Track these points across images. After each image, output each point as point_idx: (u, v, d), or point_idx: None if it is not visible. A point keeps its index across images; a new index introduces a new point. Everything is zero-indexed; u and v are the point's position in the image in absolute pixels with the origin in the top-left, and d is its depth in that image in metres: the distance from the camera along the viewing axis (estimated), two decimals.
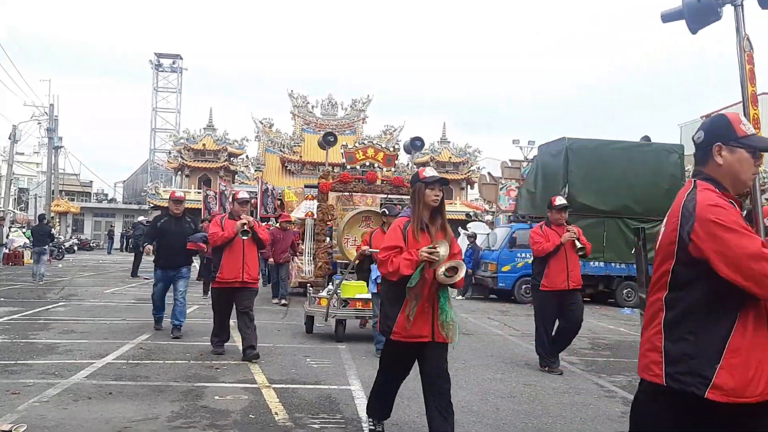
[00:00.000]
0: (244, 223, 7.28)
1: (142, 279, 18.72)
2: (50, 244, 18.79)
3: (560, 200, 7.51)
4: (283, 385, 6.14)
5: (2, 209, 34.58)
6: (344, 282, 9.02)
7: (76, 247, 36.40)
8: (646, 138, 19.63)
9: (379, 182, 9.95)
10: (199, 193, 35.51)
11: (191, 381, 6.18)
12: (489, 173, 35.07)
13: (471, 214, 33.99)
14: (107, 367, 6.70)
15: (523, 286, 16.72)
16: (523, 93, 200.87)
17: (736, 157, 2.43)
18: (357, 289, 8.89)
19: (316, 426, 4.89)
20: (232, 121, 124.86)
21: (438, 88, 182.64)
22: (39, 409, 5.04)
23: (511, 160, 31.50)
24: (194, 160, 45.19)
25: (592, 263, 16.88)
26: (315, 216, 11.81)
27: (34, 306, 11.60)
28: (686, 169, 18.80)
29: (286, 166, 42.71)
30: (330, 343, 8.53)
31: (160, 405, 5.29)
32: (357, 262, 8.49)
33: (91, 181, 62.60)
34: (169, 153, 51.00)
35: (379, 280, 6.40)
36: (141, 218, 23.64)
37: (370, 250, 7.54)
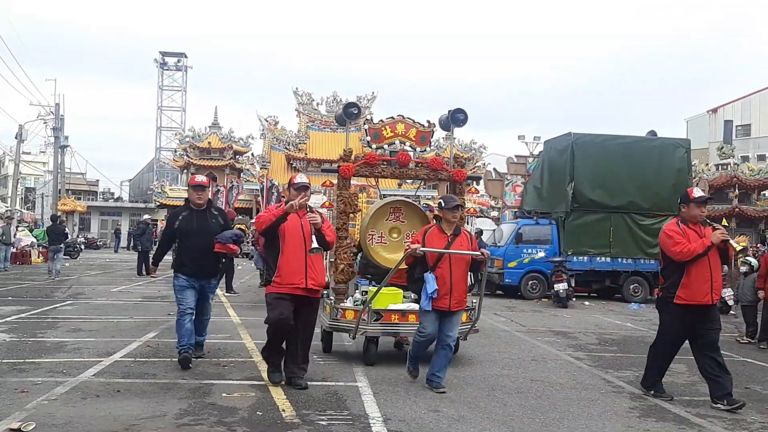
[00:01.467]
0: (317, 222, 5.75)
1: (150, 278, 18.79)
2: (64, 243, 19.36)
3: (698, 192, 6.04)
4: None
5: (9, 208, 34.73)
6: (371, 288, 7.25)
7: (82, 246, 36.50)
8: (653, 132, 19.56)
9: (412, 165, 7.86)
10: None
11: (199, 378, 6.20)
12: (495, 169, 34.97)
13: (477, 210, 33.94)
14: (115, 365, 6.72)
15: (530, 282, 16.70)
16: (528, 88, 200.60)
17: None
18: (390, 298, 7.24)
19: (323, 422, 4.90)
20: (237, 119, 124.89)
21: (443, 85, 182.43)
22: (47, 407, 5.06)
23: (516, 156, 31.47)
24: (200, 159, 45.22)
25: (598, 259, 16.85)
26: (334, 206, 9.23)
27: (41, 305, 11.65)
28: (693, 163, 18.72)
29: (292, 164, 42.67)
30: (337, 341, 8.53)
31: (168, 402, 5.31)
32: (402, 266, 6.43)
33: (98, 180, 62.78)
34: (175, 151, 51.08)
35: (435, 295, 5.84)
36: (146, 216, 23.71)
37: (424, 249, 5.94)
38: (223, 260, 7.26)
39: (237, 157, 45.87)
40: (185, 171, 47.23)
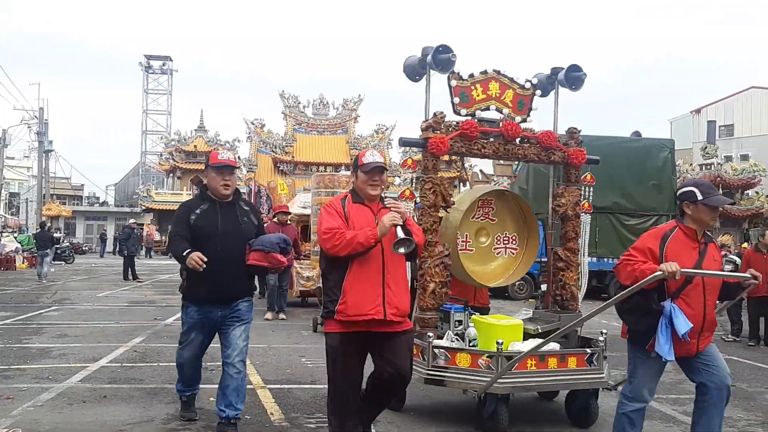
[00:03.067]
0: (397, 222, 3.79)
1: (136, 283, 18.69)
2: (52, 248, 20.13)
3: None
4: (278, 386, 6.14)
5: None
6: (476, 317, 5.36)
7: (58, 251, 36.34)
8: (637, 133, 19.66)
9: (518, 140, 5.60)
10: (190, 195, 35.40)
11: None
12: (481, 170, 35.04)
13: None
14: (101, 370, 6.68)
15: (517, 283, 16.75)
16: None
17: None
18: (509, 332, 5.05)
19: (311, 426, 4.90)
20: (223, 122, 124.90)
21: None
22: (33, 413, 5.02)
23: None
24: (186, 162, 45.07)
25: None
26: (416, 197, 5.61)
27: (26, 310, 11.55)
28: (677, 163, 18.89)
29: (279, 167, 42.56)
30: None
31: (155, 407, 5.28)
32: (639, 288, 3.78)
33: (83, 185, 62.34)
34: (161, 155, 50.85)
35: (687, 337, 3.78)
36: (131, 221, 23.60)
37: (689, 271, 3.76)
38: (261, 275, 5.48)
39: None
40: (171, 175, 47.06)
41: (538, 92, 5.75)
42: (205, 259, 4.21)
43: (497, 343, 4.72)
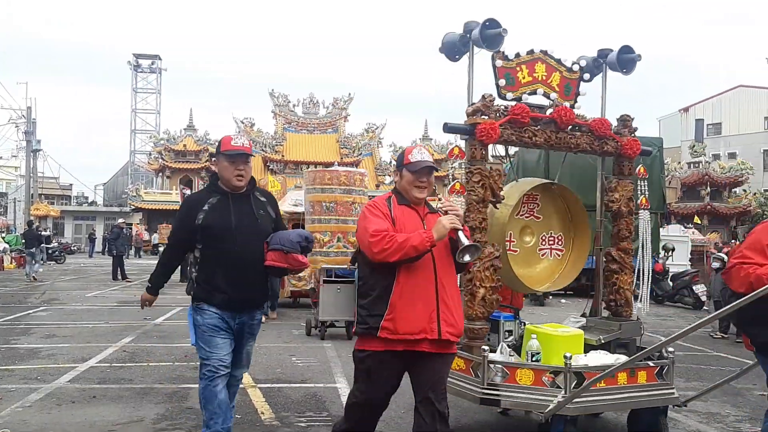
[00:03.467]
0: (458, 225, 3.30)
1: (125, 282, 18.60)
2: (39, 246, 20.32)
3: None
4: (268, 385, 6.13)
5: None
6: (531, 327, 4.74)
7: (49, 251, 36.18)
8: None
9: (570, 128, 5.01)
10: (179, 194, 35.28)
11: (176, 383, 6.15)
12: None
13: None
14: (90, 370, 6.64)
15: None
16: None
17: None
18: (571, 344, 4.52)
19: (302, 424, 4.89)
20: (213, 121, 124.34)
21: (419, 86, 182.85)
22: (22, 414, 4.99)
23: (492, 157, 31.57)
24: (175, 161, 44.89)
25: None
26: (464, 191, 4.87)
27: (14, 311, 11.47)
28: (665, 161, 19.03)
29: (269, 166, 42.49)
30: (315, 342, 8.52)
31: (145, 407, 5.26)
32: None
33: (71, 184, 61.95)
34: (150, 154, 50.62)
35: None
36: (120, 220, 23.44)
37: None
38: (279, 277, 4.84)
39: (213, 159, 45.51)
40: (160, 174, 46.86)
41: (586, 76, 5.20)
42: (149, 306, 4.21)
43: (565, 357, 4.15)
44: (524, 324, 4.95)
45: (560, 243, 5.37)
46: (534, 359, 4.39)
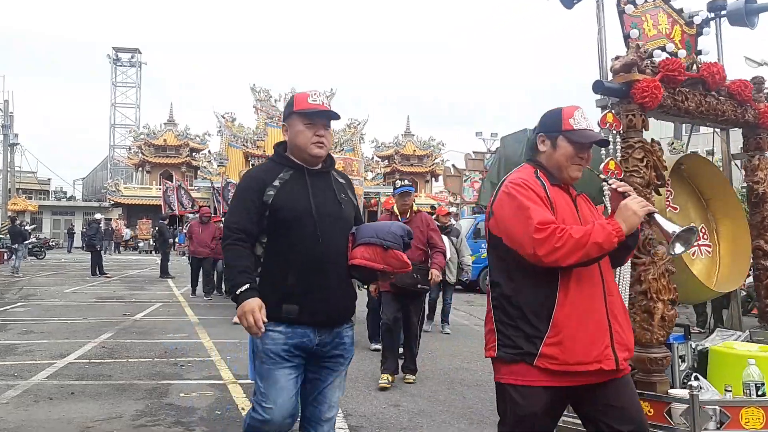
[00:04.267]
0: (652, 209, 2.43)
1: (104, 278, 18.45)
2: (23, 243, 21.06)
3: None
4: (249, 381, 6.08)
5: None
6: (720, 348, 3.78)
7: (29, 246, 35.83)
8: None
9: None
10: (160, 189, 35.00)
11: (156, 379, 6.11)
12: (453, 165, 35.21)
13: (435, 206, 34.16)
14: (69, 367, 6.58)
15: (488, 277, 16.90)
16: (484, 84, 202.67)
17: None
18: None
19: None
20: (193, 116, 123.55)
21: (401, 82, 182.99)
22: None
23: (474, 152, 31.71)
24: (155, 156, 44.61)
25: None
26: (620, 171, 3.64)
27: None
28: None
29: (250, 161, 42.32)
30: None
31: (124, 404, 5.22)
32: None
33: (49, 179, 61.23)
34: (129, 149, 50.26)
35: None
36: (97, 215, 23.24)
37: None
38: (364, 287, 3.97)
39: (194, 154, 45.36)
40: (140, 169, 46.51)
41: (706, 30, 4.38)
42: (263, 330, 2.67)
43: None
44: (697, 345, 3.85)
45: (706, 237, 4.46)
46: (760, 393, 3.25)
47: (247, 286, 2.65)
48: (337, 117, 2.90)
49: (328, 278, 2.78)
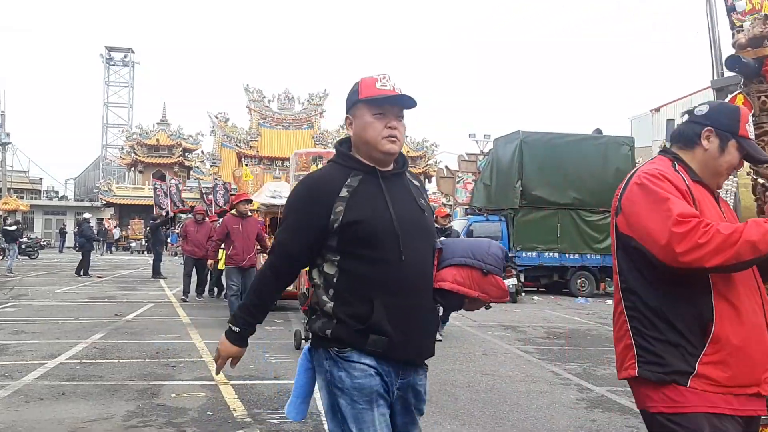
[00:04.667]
0: None
1: (96, 278, 18.37)
2: (16, 242, 21.50)
3: None
4: (241, 381, 6.10)
5: None
6: None
7: (23, 246, 35.62)
8: (598, 131, 20.09)
9: None
10: (152, 189, 34.93)
11: (147, 379, 6.10)
12: (446, 167, 35.25)
13: (433, 207, 34.15)
14: (60, 367, 6.55)
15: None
16: (477, 86, 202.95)
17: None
18: None
19: (275, 421, 4.88)
20: (186, 116, 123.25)
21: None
22: None
23: (467, 154, 31.72)
24: (148, 156, 44.49)
25: (547, 254, 17.22)
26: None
27: None
28: (636, 161, 19.31)
29: (243, 161, 42.26)
30: (288, 339, 8.49)
31: (116, 404, 5.21)
32: None
33: (41, 178, 60.91)
34: (122, 149, 50.05)
35: None
36: (86, 215, 23.22)
37: None
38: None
39: (186, 154, 45.26)
40: (133, 169, 46.37)
41: None
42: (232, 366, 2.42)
43: None
44: None
45: None
46: None
47: (239, 330, 2.28)
48: (413, 104, 2.31)
49: (415, 305, 2.23)
